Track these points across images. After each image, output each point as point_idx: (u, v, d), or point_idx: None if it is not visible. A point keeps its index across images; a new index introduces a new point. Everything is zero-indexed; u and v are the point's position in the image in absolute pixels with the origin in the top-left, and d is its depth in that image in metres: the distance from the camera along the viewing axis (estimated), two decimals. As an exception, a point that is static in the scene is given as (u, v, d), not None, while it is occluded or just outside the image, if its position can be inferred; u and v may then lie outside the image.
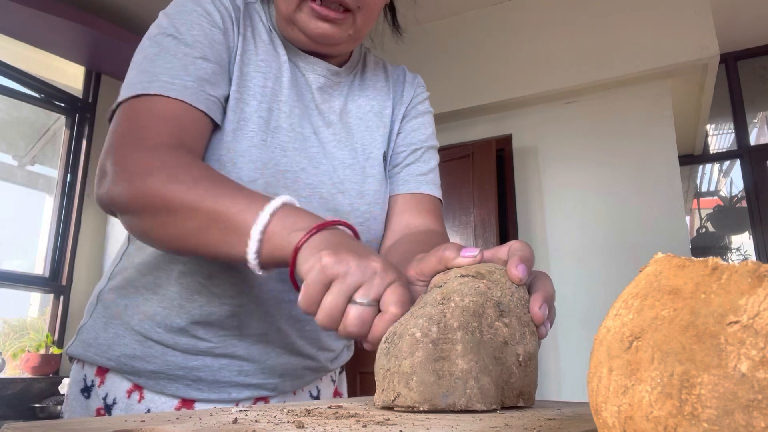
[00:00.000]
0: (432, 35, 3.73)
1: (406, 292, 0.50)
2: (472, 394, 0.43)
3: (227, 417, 0.38)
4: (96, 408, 0.75)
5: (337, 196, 0.76)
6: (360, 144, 0.82)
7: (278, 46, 0.79)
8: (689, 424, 0.20)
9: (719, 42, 2.95)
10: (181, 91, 0.66)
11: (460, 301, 0.46)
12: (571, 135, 3.29)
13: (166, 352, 0.73)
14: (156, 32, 0.70)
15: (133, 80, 0.67)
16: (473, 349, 0.44)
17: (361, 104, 0.85)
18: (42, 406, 2.98)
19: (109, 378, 0.75)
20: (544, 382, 3.05)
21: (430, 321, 0.45)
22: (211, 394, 0.75)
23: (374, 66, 0.91)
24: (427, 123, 0.90)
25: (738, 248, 4.51)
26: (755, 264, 0.21)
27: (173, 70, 0.66)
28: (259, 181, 0.70)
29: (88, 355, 0.76)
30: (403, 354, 0.44)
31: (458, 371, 0.43)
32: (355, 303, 0.48)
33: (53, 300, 3.49)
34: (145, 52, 0.69)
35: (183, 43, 0.69)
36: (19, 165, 3.71)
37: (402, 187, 0.84)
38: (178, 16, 0.71)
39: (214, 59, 0.70)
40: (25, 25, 3.18)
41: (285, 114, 0.75)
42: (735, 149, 4.10)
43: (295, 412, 0.42)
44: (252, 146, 0.71)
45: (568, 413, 0.43)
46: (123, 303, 0.76)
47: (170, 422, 0.35)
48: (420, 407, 0.42)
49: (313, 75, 0.80)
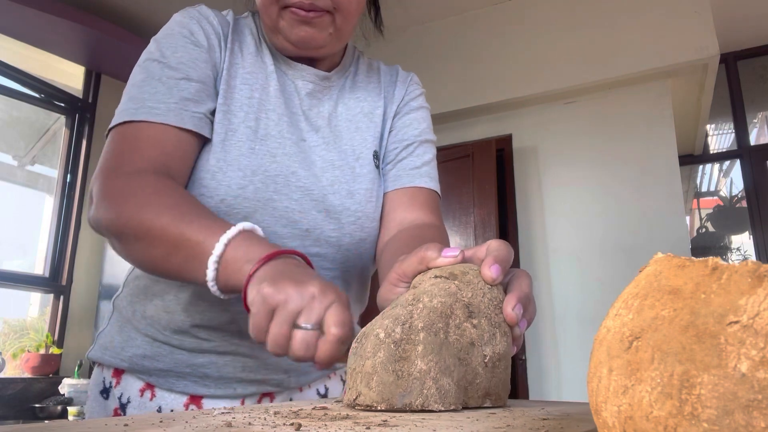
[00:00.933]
0: (432, 35, 3.73)
1: (344, 312, 0.52)
2: (429, 394, 0.43)
3: (211, 420, 0.38)
4: (113, 408, 0.79)
5: (329, 197, 0.78)
6: (349, 145, 0.83)
7: (266, 57, 0.82)
8: (689, 424, 0.20)
9: (719, 42, 2.95)
10: (165, 114, 0.70)
11: (429, 302, 0.47)
12: (571, 135, 3.29)
13: (173, 351, 0.77)
14: (145, 58, 0.75)
15: (123, 107, 0.72)
16: (434, 350, 0.44)
17: (351, 106, 0.86)
18: (42, 406, 2.98)
19: (124, 378, 0.80)
20: (544, 382, 3.05)
21: (395, 322, 0.45)
22: (218, 390, 0.77)
23: (367, 68, 0.92)
24: (421, 118, 0.90)
25: (738, 248, 4.51)
26: (755, 264, 0.21)
27: (158, 94, 0.71)
28: (248, 187, 0.73)
29: (105, 358, 0.81)
30: (366, 354, 0.45)
31: (416, 371, 0.43)
32: (300, 328, 0.51)
33: (53, 300, 3.50)
34: (134, 79, 0.74)
35: (167, 66, 0.73)
36: (19, 165, 3.71)
37: (394, 183, 0.85)
38: (164, 40, 0.76)
39: (197, 78, 0.74)
40: (25, 25, 3.18)
41: (273, 122, 0.78)
42: (735, 149, 4.10)
43: (282, 413, 0.42)
44: (240, 155, 0.74)
45: (570, 411, 0.43)
46: (132, 309, 0.80)
47: (154, 425, 0.35)
48: (378, 406, 0.43)
49: (301, 81, 0.82)
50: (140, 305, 0.79)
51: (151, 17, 3.61)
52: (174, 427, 0.34)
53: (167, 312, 0.76)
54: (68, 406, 3.00)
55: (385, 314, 0.48)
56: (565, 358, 3.04)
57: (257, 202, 0.73)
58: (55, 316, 3.47)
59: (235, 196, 0.72)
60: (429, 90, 0.96)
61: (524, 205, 3.33)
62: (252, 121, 0.76)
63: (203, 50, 0.76)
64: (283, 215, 0.75)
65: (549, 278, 3.16)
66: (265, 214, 0.73)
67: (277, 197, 0.74)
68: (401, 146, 0.87)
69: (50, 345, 3.25)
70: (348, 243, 0.79)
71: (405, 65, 0.98)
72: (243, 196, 0.72)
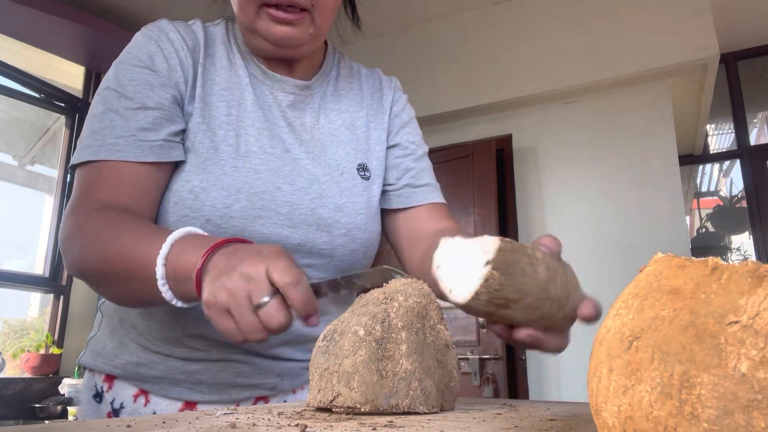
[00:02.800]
0: (432, 35, 3.73)
1: (280, 261, 0.53)
2: (415, 396, 0.42)
3: (215, 421, 0.38)
4: (106, 412, 0.78)
5: (317, 210, 0.77)
6: (333, 159, 0.82)
7: (239, 68, 0.80)
8: (689, 424, 0.20)
9: (719, 42, 2.95)
10: (125, 149, 0.70)
11: (404, 301, 0.46)
12: (571, 135, 3.29)
13: (166, 359, 0.76)
14: (104, 86, 0.75)
15: (85, 142, 0.72)
16: (417, 350, 0.43)
17: (332, 118, 0.85)
18: (42, 406, 2.98)
19: (116, 384, 0.79)
20: (544, 382, 3.05)
21: (374, 319, 0.44)
22: (212, 395, 0.77)
23: (348, 73, 0.91)
24: (414, 130, 0.93)
25: (738, 248, 4.51)
26: (755, 264, 0.21)
27: (117, 128, 0.71)
28: (234, 206, 0.72)
29: (97, 364, 0.80)
30: (344, 352, 0.43)
31: (402, 371, 0.42)
32: (261, 306, 0.52)
33: (53, 300, 3.49)
34: (95, 110, 0.74)
35: (123, 96, 0.73)
36: (19, 165, 3.71)
37: (412, 199, 0.87)
38: (122, 65, 0.76)
39: (154, 105, 0.73)
40: (25, 25, 3.18)
41: (253, 137, 0.77)
42: (735, 149, 4.10)
43: (285, 414, 0.42)
44: (223, 174, 0.73)
45: (576, 412, 0.43)
46: (119, 317, 0.80)
47: (157, 426, 0.35)
48: (361, 408, 0.41)
49: (282, 93, 0.81)
50: (126, 314, 0.79)
51: (151, 17, 3.60)
52: (177, 428, 0.34)
53: (156, 321, 0.76)
54: (68, 406, 2.99)
55: (356, 311, 0.46)
56: (565, 358, 3.04)
57: (244, 220, 0.72)
58: (55, 316, 3.46)
59: (220, 215, 0.71)
60: (429, 90, 0.96)
61: (524, 205, 3.33)
62: (233, 138, 0.75)
63: (160, 74, 0.75)
64: (272, 231, 0.74)
65: (549, 278, 3.15)
66: (253, 231, 0.72)
67: (265, 214, 0.74)
68: (409, 161, 0.89)
69: (50, 345, 3.24)
70: (341, 254, 0.79)
71: (405, 65, 0.98)
72: (229, 216, 0.71)
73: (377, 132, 0.89)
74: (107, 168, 0.70)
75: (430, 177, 0.90)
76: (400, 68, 3.50)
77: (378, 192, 0.86)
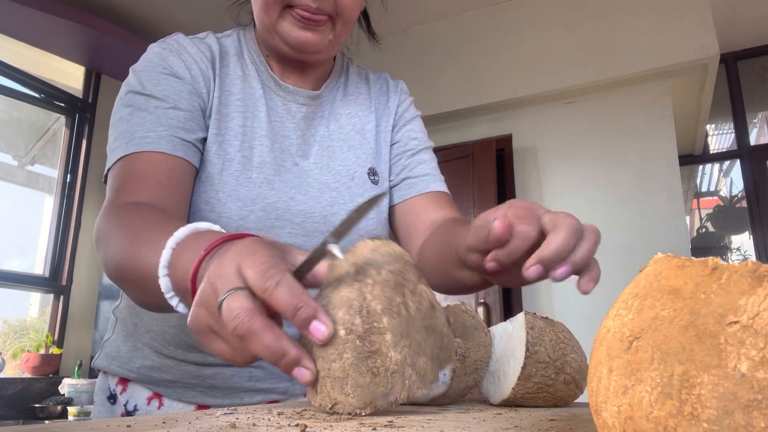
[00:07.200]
0: (432, 35, 3.73)
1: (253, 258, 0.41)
2: (411, 383, 0.40)
3: (215, 421, 0.38)
4: (120, 414, 0.79)
5: (329, 218, 0.78)
6: (343, 165, 0.83)
7: (252, 80, 0.80)
8: (689, 424, 0.20)
9: (719, 42, 2.95)
10: (156, 142, 0.68)
11: (377, 275, 0.42)
12: (571, 135, 3.29)
13: (179, 363, 0.77)
14: (126, 91, 0.73)
15: (114, 144, 0.70)
16: (403, 333, 0.40)
17: (343, 123, 0.86)
18: (42, 406, 2.98)
19: (130, 387, 0.80)
20: (544, 382, 3.05)
21: (351, 311, 0.40)
22: (225, 399, 0.78)
23: (357, 78, 0.92)
24: (417, 128, 0.93)
25: (738, 248, 4.51)
26: (755, 264, 0.21)
27: (147, 123, 0.69)
28: (250, 217, 0.72)
29: (112, 367, 0.81)
30: (330, 356, 0.40)
31: (392, 364, 0.39)
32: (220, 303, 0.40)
33: (53, 300, 3.49)
34: (120, 113, 0.72)
35: (152, 97, 0.71)
36: (19, 165, 3.71)
37: (410, 191, 0.87)
38: (145, 73, 0.74)
39: (185, 107, 0.72)
40: (25, 25, 3.18)
41: (267, 149, 0.77)
42: (735, 149, 4.10)
43: (286, 414, 0.42)
44: (239, 185, 0.73)
45: (576, 412, 0.43)
46: (133, 322, 0.80)
47: (158, 426, 0.35)
48: (362, 412, 0.39)
49: (295, 105, 0.82)
50: (140, 318, 0.79)
51: (151, 17, 3.61)
52: (177, 428, 0.34)
53: (170, 326, 0.76)
54: (68, 406, 2.99)
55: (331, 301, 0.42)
56: (565, 358, 3.03)
57: (259, 231, 0.72)
58: (55, 316, 3.46)
59: (236, 227, 0.71)
60: (429, 90, 0.97)
61: (524, 205, 3.32)
62: (247, 150, 0.76)
63: (185, 82, 0.74)
64: (287, 241, 0.72)
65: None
66: None
67: (280, 224, 0.74)
68: (407, 156, 0.89)
69: (50, 345, 3.24)
70: None
71: (405, 66, 0.99)
72: (245, 227, 0.71)
73: (384, 134, 0.89)
74: (139, 160, 0.67)
75: (431, 168, 0.90)
76: (400, 68, 3.51)
77: (387, 196, 0.87)
